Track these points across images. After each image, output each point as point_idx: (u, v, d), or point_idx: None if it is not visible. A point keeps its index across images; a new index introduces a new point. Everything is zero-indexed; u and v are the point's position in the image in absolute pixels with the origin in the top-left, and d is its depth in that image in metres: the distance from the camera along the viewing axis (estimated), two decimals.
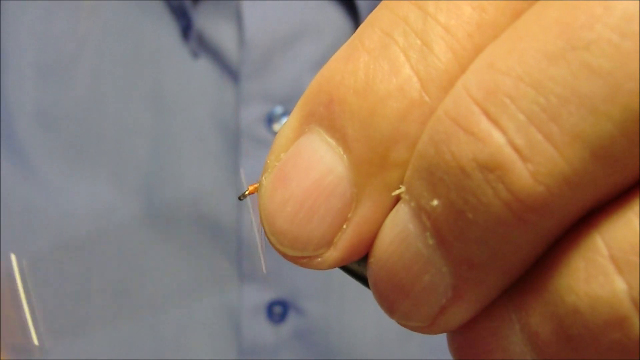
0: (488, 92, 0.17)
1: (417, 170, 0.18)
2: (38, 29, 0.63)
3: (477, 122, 0.17)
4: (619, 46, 0.16)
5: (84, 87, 0.62)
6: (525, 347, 0.18)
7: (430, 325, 0.19)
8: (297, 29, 0.62)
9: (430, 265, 0.18)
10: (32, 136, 0.61)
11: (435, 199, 0.18)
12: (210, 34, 0.62)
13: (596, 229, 0.17)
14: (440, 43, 0.18)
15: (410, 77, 0.18)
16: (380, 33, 0.19)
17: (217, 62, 0.63)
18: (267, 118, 0.62)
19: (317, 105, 0.20)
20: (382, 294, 0.20)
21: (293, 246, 0.20)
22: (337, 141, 0.19)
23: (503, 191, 0.17)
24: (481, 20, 0.18)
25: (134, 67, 0.63)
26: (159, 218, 0.61)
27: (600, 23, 0.16)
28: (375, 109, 0.19)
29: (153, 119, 0.62)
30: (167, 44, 0.63)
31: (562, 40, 0.16)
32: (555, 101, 0.16)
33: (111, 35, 0.63)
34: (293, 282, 0.60)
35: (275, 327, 0.60)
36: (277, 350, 0.60)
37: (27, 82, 0.62)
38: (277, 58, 0.62)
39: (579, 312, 0.17)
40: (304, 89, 0.20)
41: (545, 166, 0.16)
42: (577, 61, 0.16)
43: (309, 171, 0.19)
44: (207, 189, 0.61)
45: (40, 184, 0.60)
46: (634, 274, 0.16)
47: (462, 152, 0.17)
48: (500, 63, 0.17)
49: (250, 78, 0.61)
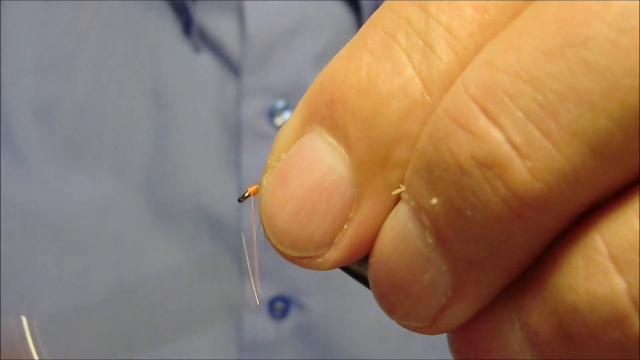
0: (486, 89, 0.17)
1: (416, 169, 0.18)
2: (38, 24, 0.63)
3: (475, 119, 0.17)
4: (617, 42, 0.16)
5: (84, 83, 0.62)
6: (525, 345, 0.18)
7: (431, 325, 0.19)
8: (298, 24, 0.62)
9: (430, 264, 0.18)
10: (32, 132, 0.61)
11: (434, 197, 0.18)
12: (211, 29, 0.62)
13: (595, 227, 0.17)
14: (442, 44, 0.18)
15: (412, 78, 0.18)
16: (383, 34, 0.19)
17: (219, 57, 0.63)
18: (269, 112, 0.62)
19: (319, 105, 0.20)
20: (382, 293, 0.20)
21: (293, 246, 0.20)
22: (339, 141, 0.19)
23: (501, 188, 0.17)
24: (482, 20, 0.18)
25: (134, 62, 0.63)
26: (160, 213, 0.61)
27: (598, 20, 0.16)
28: (377, 109, 0.19)
29: (154, 114, 0.62)
30: (168, 39, 0.63)
31: (559, 37, 0.16)
32: (553, 98, 0.16)
33: (112, 30, 0.63)
34: (295, 278, 0.60)
35: (277, 323, 0.60)
36: (278, 347, 0.60)
37: (27, 77, 0.62)
38: (278, 52, 0.62)
39: (578, 311, 0.17)
40: (306, 83, 0.20)
41: (544, 163, 0.16)
42: (575, 58, 0.16)
43: (310, 171, 0.20)
44: (208, 183, 0.61)
45: (40, 181, 0.60)
46: (633, 273, 0.16)
47: (461, 150, 0.17)
48: (498, 60, 0.17)
49: (251, 72, 0.61)
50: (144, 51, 0.63)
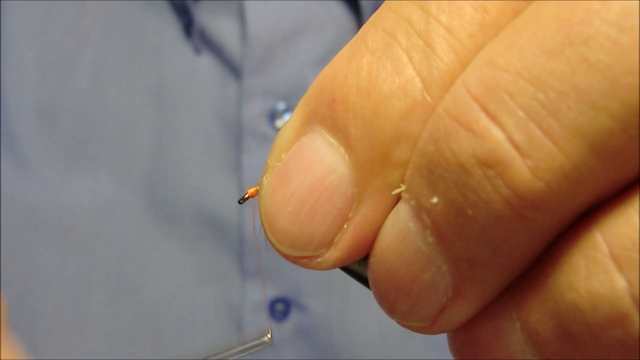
0: (487, 88, 0.17)
1: (417, 168, 0.18)
2: (39, 24, 0.63)
3: (476, 118, 0.17)
4: (618, 41, 0.16)
5: (86, 83, 0.62)
6: (525, 345, 0.18)
7: (431, 325, 0.19)
8: (299, 25, 0.62)
9: (431, 263, 0.18)
10: (33, 133, 0.61)
11: (435, 197, 0.18)
12: (212, 30, 0.62)
13: (596, 226, 0.17)
14: (443, 44, 0.18)
15: (412, 78, 0.18)
16: (383, 33, 0.19)
17: (220, 58, 0.62)
18: (270, 114, 0.62)
19: (320, 105, 0.20)
20: (383, 293, 0.20)
21: (293, 246, 0.20)
22: (339, 140, 0.19)
23: (502, 187, 0.17)
24: (483, 20, 0.18)
25: (135, 63, 0.63)
26: (161, 214, 0.61)
27: (599, 18, 0.16)
28: (378, 109, 0.19)
29: (155, 115, 0.62)
30: (169, 40, 0.63)
31: (560, 35, 0.16)
32: (554, 96, 0.16)
33: (113, 31, 0.63)
34: (295, 280, 0.60)
35: (278, 324, 0.60)
36: (279, 348, 0.60)
37: (28, 78, 0.62)
38: (279, 54, 0.62)
39: (579, 310, 0.17)
40: (307, 85, 0.20)
41: (545, 162, 0.16)
42: (576, 56, 0.16)
43: (311, 171, 0.20)
44: (209, 184, 0.61)
45: (41, 181, 0.60)
46: (634, 271, 0.16)
47: (462, 149, 0.17)
48: (499, 59, 0.17)
49: (252, 74, 0.61)
50: (145, 52, 0.63)
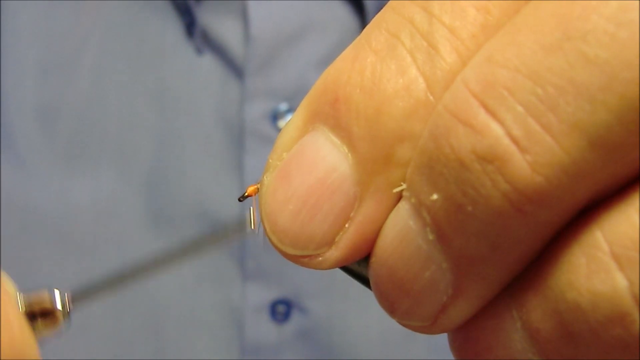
0: (486, 84, 0.17)
1: (417, 166, 0.18)
2: (40, 25, 0.63)
3: (475, 114, 0.17)
4: (615, 36, 0.16)
5: (87, 84, 0.62)
6: (526, 344, 0.18)
7: (432, 325, 0.19)
8: (302, 26, 0.62)
9: (431, 261, 0.18)
10: (33, 134, 0.61)
11: (435, 193, 0.18)
12: (214, 31, 0.62)
13: (597, 225, 0.17)
14: (446, 44, 0.18)
15: (416, 78, 0.19)
16: (387, 34, 0.19)
17: (222, 59, 0.62)
18: (272, 115, 0.61)
19: (323, 104, 0.20)
20: (383, 293, 0.20)
21: (294, 245, 0.20)
22: (342, 140, 0.19)
23: (502, 182, 0.17)
24: (485, 21, 0.18)
25: (137, 63, 0.62)
26: (162, 215, 0.60)
27: (596, 13, 0.16)
28: (381, 108, 0.19)
29: (156, 115, 0.62)
30: (171, 41, 0.63)
31: (558, 31, 0.16)
32: (552, 91, 0.16)
33: (114, 31, 0.63)
34: (297, 281, 0.60)
35: (279, 326, 0.60)
36: (280, 350, 0.60)
37: (29, 79, 0.62)
38: (282, 55, 0.62)
39: (580, 309, 0.17)
40: (309, 86, 0.20)
41: (544, 156, 0.16)
42: (574, 51, 0.16)
43: (313, 169, 0.20)
44: (211, 185, 0.61)
45: (41, 182, 0.60)
46: (634, 270, 0.16)
47: (461, 145, 0.17)
48: (498, 56, 0.17)
49: (255, 74, 0.61)
50: (147, 52, 0.63)
